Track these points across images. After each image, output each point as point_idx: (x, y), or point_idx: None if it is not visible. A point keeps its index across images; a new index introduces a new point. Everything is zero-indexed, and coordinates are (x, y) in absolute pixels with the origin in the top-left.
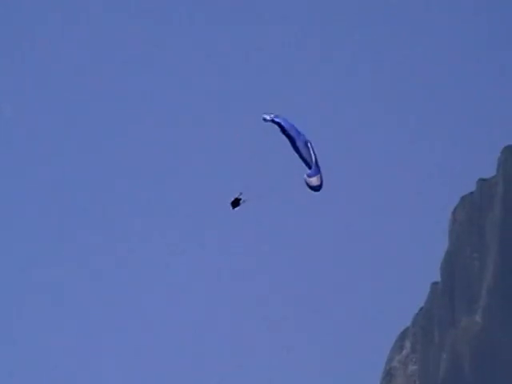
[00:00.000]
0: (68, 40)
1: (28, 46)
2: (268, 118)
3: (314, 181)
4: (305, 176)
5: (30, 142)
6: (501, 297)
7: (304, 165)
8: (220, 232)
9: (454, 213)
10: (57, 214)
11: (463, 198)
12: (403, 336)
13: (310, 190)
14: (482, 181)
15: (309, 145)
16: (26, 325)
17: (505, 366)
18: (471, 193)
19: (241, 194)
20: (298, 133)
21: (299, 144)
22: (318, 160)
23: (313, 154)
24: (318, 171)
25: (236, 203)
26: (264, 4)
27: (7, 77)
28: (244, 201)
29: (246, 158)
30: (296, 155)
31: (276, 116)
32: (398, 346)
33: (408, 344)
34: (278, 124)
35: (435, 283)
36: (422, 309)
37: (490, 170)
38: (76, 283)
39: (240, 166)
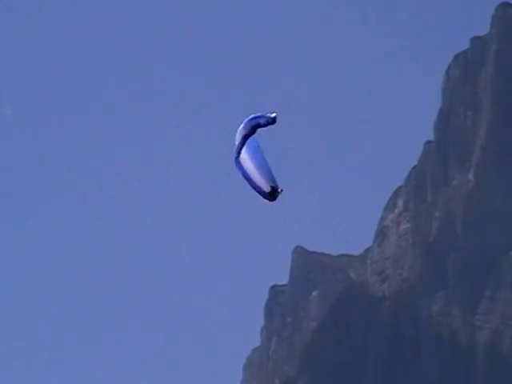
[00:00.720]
0: (67, 40)
1: (27, 46)
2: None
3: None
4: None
5: (29, 141)
6: (493, 154)
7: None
8: None
9: (447, 71)
10: (57, 213)
11: (456, 57)
12: (396, 195)
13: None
14: (475, 38)
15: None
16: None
17: (496, 224)
18: (464, 51)
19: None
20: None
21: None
22: None
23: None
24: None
25: (273, 194)
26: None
27: (7, 77)
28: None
29: None
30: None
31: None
32: (391, 204)
33: (401, 202)
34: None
35: (428, 142)
36: (414, 167)
37: (483, 28)
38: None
39: None
